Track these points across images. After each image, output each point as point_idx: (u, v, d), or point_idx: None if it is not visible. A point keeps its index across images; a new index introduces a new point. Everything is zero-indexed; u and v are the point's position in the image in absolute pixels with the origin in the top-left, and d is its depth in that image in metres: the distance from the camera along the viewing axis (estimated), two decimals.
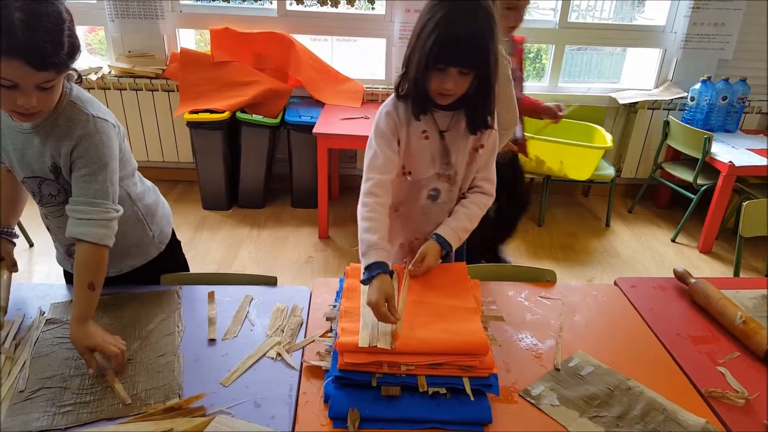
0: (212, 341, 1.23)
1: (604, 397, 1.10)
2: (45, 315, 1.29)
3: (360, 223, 1.29)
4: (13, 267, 1.30)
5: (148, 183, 1.47)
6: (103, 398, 1.06)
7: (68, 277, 1.47)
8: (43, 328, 1.24)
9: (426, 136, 1.34)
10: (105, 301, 1.32)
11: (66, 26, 1.05)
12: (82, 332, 1.13)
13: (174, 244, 1.55)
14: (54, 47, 1.02)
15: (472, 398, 1.05)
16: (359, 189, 1.33)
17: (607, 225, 3.42)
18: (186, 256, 1.63)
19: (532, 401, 1.09)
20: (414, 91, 1.27)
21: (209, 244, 2.99)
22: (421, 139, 1.34)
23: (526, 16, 2.12)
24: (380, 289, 1.14)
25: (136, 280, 1.43)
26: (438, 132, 1.34)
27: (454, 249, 1.38)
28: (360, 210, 1.30)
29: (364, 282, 1.21)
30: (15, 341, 1.20)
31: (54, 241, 1.40)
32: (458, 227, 1.38)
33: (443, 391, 1.06)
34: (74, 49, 1.08)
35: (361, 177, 1.35)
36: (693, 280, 1.44)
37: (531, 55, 4.45)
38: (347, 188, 3.63)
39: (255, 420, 1.02)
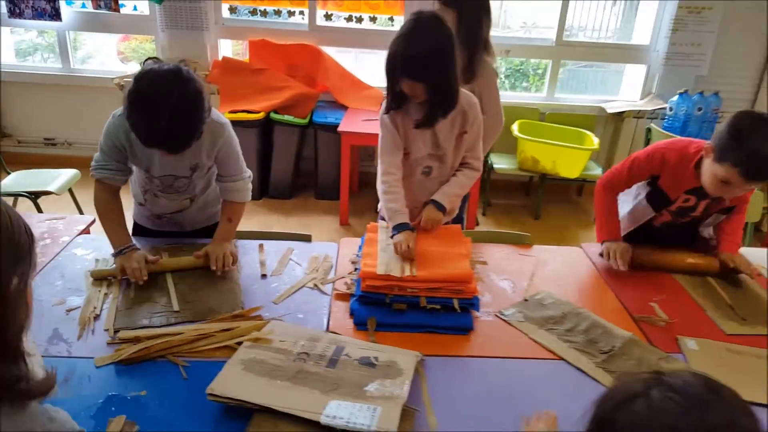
0: (264, 276, 1.61)
1: (559, 318, 1.47)
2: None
3: (382, 196, 1.70)
4: (151, 262, 1.54)
5: None
6: (185, 310, 1.43)
7: (138, 229, 1.82)
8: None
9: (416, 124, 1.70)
10: (193, 247, 1.68)
11: (203, 116, 1.35)
12: (218, 248, 1.58)
13: None
14: (188, 138, 1.33)
15: (459, 311, 1.42)
16: (376, 184, 1.73)
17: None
18: None
19: (505, 318, 1.46)
20: (389, 92, 1.64)
21: (242, 227, 3.37)
22: (412, 127, 1.70)
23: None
24: (406, 237, 1.55)
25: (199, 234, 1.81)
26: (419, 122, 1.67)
27: (447, 209, 1.74)
28: (380, 186, 1.71)
29: (393, 237, 1.60)
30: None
31: (141, 205, 1.76)
32: (450, 193, 1.75)
33: (438, 307, 1.43)
34: (204, 121, 1.38)
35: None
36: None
37: (540, 71, 4.87)
38: (366, 184, 4.04)
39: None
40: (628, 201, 1.86)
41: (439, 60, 1.52)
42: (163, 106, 1.25)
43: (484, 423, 1.12)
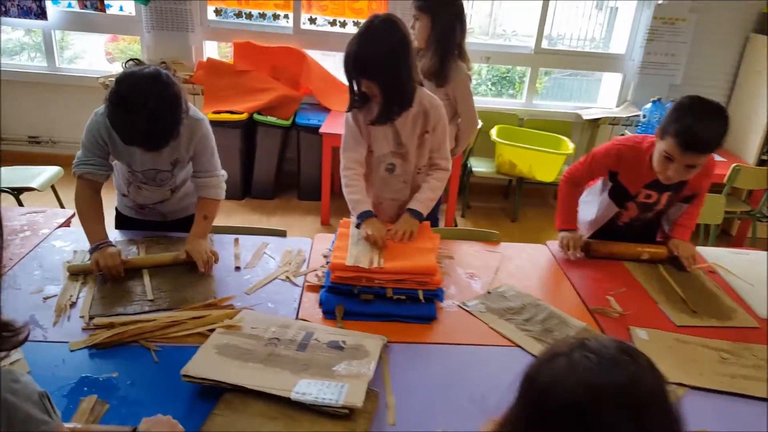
0: (238, 268, 1.66)
1: (518, 309, 1.54)
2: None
3: (344, 189, 1.78)
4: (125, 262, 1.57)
5: None
6: (160, 299, 1.47)
7: (122, 218, 1.88)
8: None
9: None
10: (168, 240, 1.76)
11: (180, 117, 1.41)
12: (197, 245, 1.60)
13: None
14: (166, 138, 1.41)
15: (423, 302, 1.49)
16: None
17: None
18: None
19: (467, 309, 1.53)
20: (351, 92, 1.71)
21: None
22: (369, 123, 1.75)
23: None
24: (374, 226, 1.63)
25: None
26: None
27: (424, 215, 1.80)
28: (342, 181, 1.79)
29: (357, 226, 1.65)
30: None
31: (124, 196, 1.82)
32: (424, 198, 1.81)
33: (404, 297, 1.49)
34: (181, 122, 1.44)
35: None
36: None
37: (525, 79, 4.97)
38: None
39: None
40: (593, 201, 1.95)
41: (390, 61, 1.60)
42: (142, 108, 1.33)
43: (439, 401, 1.19)
